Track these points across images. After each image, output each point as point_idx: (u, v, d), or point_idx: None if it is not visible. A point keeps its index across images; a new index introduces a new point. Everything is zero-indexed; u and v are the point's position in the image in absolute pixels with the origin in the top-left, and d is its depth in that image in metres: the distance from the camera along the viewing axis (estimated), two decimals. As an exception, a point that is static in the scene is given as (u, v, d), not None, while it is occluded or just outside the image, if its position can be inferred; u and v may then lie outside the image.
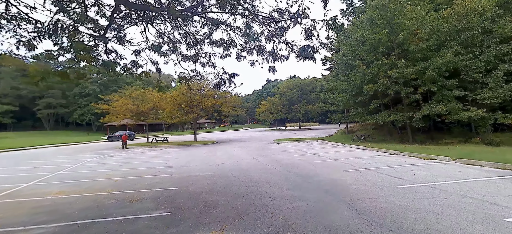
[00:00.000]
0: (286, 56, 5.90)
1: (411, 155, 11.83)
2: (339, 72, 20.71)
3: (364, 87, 17.02)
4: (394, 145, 15.73)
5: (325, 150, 16.06)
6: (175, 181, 8.64)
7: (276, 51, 5.97)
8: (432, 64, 15.06)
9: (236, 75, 6.83)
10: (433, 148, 13.80)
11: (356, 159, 11.73)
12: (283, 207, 5.54)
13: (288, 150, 16.66)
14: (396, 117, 16.25)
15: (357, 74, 17.76)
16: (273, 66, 6.91)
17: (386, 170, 8.96)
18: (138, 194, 6.97)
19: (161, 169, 11.26)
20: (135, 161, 14.43)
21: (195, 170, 10.57)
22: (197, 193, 6.91)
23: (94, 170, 11.68)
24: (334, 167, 10.14)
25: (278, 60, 6.11)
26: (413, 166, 9.55)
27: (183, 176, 9.49)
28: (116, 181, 9.01)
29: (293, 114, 57.02)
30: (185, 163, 12.74)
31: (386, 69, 16.21)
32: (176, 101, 23.73)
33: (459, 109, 14.74)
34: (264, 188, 7.16)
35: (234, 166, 11.31)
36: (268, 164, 11.38)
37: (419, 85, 15.77)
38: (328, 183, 7.49)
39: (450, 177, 7.56)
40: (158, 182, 8.49)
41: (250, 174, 9.33)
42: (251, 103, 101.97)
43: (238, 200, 6.14)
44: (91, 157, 17.38)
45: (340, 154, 13.73)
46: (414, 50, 15.91)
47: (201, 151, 18.24)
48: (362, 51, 17.83)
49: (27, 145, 31.05)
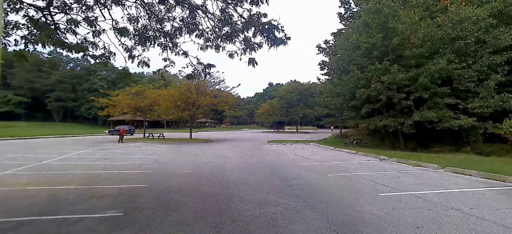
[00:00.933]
0: (259, 44, 5.17)
1: (400, 161, 11.01)
2: (334, 76, 19.92)
3: (357, 92, 16.22)
4: (385, 151, 14.90)
5: (315, 153, 15.27)
6: (150, 177, 7.93)
7: (249, 38, 5.22)
8: (425, 71, 14.24)
9: (212, 66, 6.09)
10: (424, 155, 12.95)
11: (344, 163, 10.94)
12: (249, 212, 4.79)
13: (278, 152, 15.89)
14: (387, 122, 15.41)
15: (351, 78, 16.97)
16: (252, 59, 6.16)
17: (371, 176, 8.17)
18: (102, 190, 6.26)
19: (143, 164, 10.56)
20: (123, 155, 13.75)
21: (176, 167, 9.86)
22: (165, 192, 6.19)
23: (78, 162, 11.02)
24: (319, 170, 9.37)
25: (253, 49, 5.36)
26: (400, 172, 8.74)
27: (161, 172, 8.78)
28: (91, 174, 8.32)
29: (291, 116, 56.17)
30: (170, 160, 12.04)
31: (379, 74, 15.40)
32: (173, 98, 23.07)
33: (450, 117, 13.90)
34: (238, 190, 6.42)
35: (218, 165, 10.58)
36: (253, 165, 10.64)
37: (411, 91, 14.94)
38: (307, 188, 6.72)
39: (437, 186, 6.76)
40: (132, 178, 7.78)
41: (231, 174, 8.59)
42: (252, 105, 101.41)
43: (205, 202, 5.41)
44: (84, 148, 16.75)
45: (329, 158, 12.94)
46: (408, 56, 15.10)
47: (191, 149, 17.53)
48: (356, 56, 17.05)
49: (31, 135, 30.71)
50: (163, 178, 7.77)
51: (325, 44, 32.77)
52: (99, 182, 7.22)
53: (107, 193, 5.98)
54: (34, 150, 15.68)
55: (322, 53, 33.52)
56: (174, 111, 23.71)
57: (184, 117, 25.55)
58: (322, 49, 33.40)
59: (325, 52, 33.16)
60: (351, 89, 17.49)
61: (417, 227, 4.07)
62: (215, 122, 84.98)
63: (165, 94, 23.61)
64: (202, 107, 26.09)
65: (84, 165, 10.27)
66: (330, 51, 31.52)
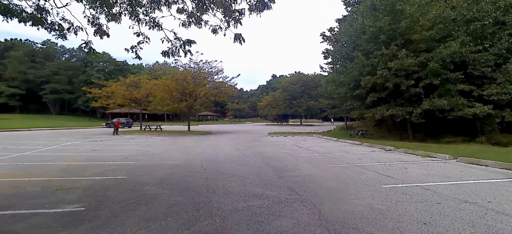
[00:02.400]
0: (240, 11, 4.60)
1: (408, 152, 10.42)
2: (338, 64, 19.18)
3: (362, 79, 15.51)
4: (391, 142, 14.31)
5: (317, 144, 14.73)
6: (132, 169, 7.50)
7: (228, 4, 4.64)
8: (436, 55, 13.48)
9: (192, 42, 5.55)
10: (434, 145, 12.32)
11: (346, 154, 10.39)
12: (231, 206, 4.32)
13: (278, 143, 15.39)
14: (394, 111, 14.74)
15: (355, 66, 16.25)
16: (238, 34, 5.62)
17: (375, 167, 7.62)
18: (74, 183, 5.84)
19: (131, 155, 10.15)
20: (113, 147, 13.38)
21: (165, 159, 9.43)
22: (143, 184, 5.74)
23: (62, 153, 10.66)
24: (318, 161, 8.85)
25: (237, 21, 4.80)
26: (407, 163, 8.17)
27: (147, 164, 8.35)
28: (70, 166, 7.92)
29: (294, 109, 55.40)
30: (162, 151, 11.63)
31: (386, 60, 14.68)
32: (168, 88, 22.58)
33: (463, 105, 13.20)
34: (224, 182, 5.94)
35: (211, 157, 10.13)
36: (249, 156, 10.16)
37: (421, 77, 14.20)
38: (302, 179, 6.22)
39: (449, 177, 6.20)
40: (113, 170, 7.35)
41: (222, 166, 8.12)
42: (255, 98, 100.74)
43: (183, 195, 4.95)
44: (74, 140, 16.45)
45: (331, 149, 12.40)
46: (417, 40, 14.30)
47: (187, 141, 17.12)
48: (362, 41, 16.28)
49: (24, 127, 30.72)
50: (147, 170, 7.33)
51: (330, 31, 31.81)
52: (75, 174, 6.81)
53: (78, 186, 5.56)
54: (20, 141, 15.43)
55: (326, 42, 32.59)
56: (170, 102, 23.26)
57: (181, 109, 25.10)
58: (326, 38, 32.46)
59: (329, 41, 32.25)
60: (355, 77, 16.78)
61: (425, 224, 3.54)
62: (218, 115, 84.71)
63: (161, 84, 23.13)
64: (200, 98, 25.59)
65: (67, 156, 9.90)
66: (335, 39, 30.61)
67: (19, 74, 55.05)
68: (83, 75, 61.48)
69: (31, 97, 59.13)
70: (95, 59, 65.01)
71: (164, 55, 5.61)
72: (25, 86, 56.45)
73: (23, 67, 55.78)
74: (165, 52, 5.60)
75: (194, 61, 23.93)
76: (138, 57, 5.96)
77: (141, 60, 6.06)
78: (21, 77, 55.45)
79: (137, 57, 5.95)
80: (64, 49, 65.07)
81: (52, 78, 57.50)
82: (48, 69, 57.49)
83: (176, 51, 5.61)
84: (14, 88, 54.14)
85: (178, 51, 5.63)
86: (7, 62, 54.64)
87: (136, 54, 5.92)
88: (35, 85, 58.20)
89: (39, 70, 57.51)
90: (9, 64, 54.68)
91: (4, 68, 55.04)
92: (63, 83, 58.83)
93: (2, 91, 53.18)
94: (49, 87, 57.13)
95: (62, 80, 58.64)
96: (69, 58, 67.04)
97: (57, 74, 58.11)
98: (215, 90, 26.55)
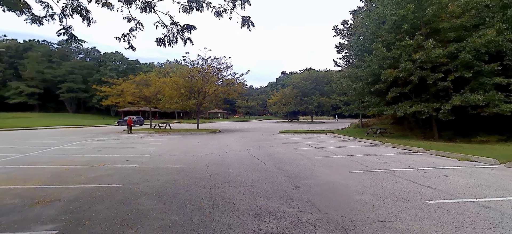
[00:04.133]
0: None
1: (440, 154, 9.12)
2: (355, 58, 17.80)
3: (383, 73, 14.15)
4: (416, 141, 12.95)
5: (332, 144, 13.57)
6: (131, 174, 6.69)
7: None
8: (468, 45, 11.97)
9: (192, 27, 4.62)
10: (466, 146, 10.91)
11: (369, 157, 9.22)
12: (237, 230, 3.36)
13: (290, 143, 14.34)
14: (419, 107, 13.31)
15: (375, 58, 14.87)
16: (247, 18, 4.65)
17: (407, 174, 6.47)
18: (60, 192, 5.06)
19: (134, 157, 9.42)
20: (119, 147, 12.77)
21: (168, 161, 8.61)
22: (137, 195, 4.88)
23: (64, 154, 10.08)
24: (338, 165, 7.76)
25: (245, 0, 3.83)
26: (445, 169, 6.95)
27: (147, 167, 7.54)
28: (66, 169, 7.22)
29: (305, 106, 53.87)
30: (167, 152, 10.86)
31: (409, 51, 13.26)
32: (177, 85, 21.88)
33: (499, 100, 11.66)
34: (231, 193, 5.00)
35: (217, 159, 9.23)
36: (259, 158, 9.19)
37: (450, 70, 12.72)
38: (323, 190, 5.19)
39: (509, 190, 4.99)
40: (110, 175, 6.57)
41: (229, 170, 7.20)
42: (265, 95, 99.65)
43: (180, 212, 4.03)
44: (83, 139, 16.07)
45: (349, 150, 11.24)
46: (446, 28, 12.81)
47: (194, 140, 16.35)
48: (382, 31, 14.89)
49: (40, 125, 31.13)
50: (146, 176, 6.50)
51: (343, 25, 30.17)
52: (67, 180, 6.06)
53: (63, 197, 4.77)
54: (30, 140, 15.16)
55: (339, 35, 30.97)
56: (178, 99, 22.58)
57: (190, 106, 24.41)
58: (339, 31, 30.80)
59: (342, 34, 30.64)
60: (374, 71, 15.40)
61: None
62: (228, 113, 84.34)
63: (169, 82, 22.47)
64: (209, 96, 24.81)
65: (68, 158, 9.28)
66: (349, 32, 29.01)
67: (37, 73, 56.42)
68: (97, 74, 62.35)
69: (49, 96, 60.58)
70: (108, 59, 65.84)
71: (159, 43, 4.70)
72: (43, 85, 57.83)
73: (41, 67, 57.12)
74: (160, 40, 4.70)
75: (202, 57, 23.16)
76: (132, 47, 5.08)
77: (135, 50, 5.18)
78: (39, 76, 56.81)
79: (130, 47, 5.07)
80: (78, 49, 66.20)
81: (67, 77, 58.66)
82: (64, 68, 58.64)
83: (173, 38, 4.68)
84: (32, 88, 55.58)
85: (175, 39, 4.70)
86: (26, 63, 56.13)
87: (129, 44, 5.03)
88: (52, 84, 59.51)
89: (55, 69, 58.74)
90: (28, 64, 56.16)
91: (23, 68, 56.57)
92: (78, 82, 59.87)
93: (22, 90, 54.68)
94: (65, 86, 58.27)
95: (77, 79, 59.69)
96: (84, 58, 68.22)
97: (73, 73, 59.21)
98: (224, 87, 25.71)
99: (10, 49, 58.50)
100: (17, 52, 58.62)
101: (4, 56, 54.79)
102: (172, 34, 4.65)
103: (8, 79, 56.36)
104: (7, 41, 61.98)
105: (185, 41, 4.78)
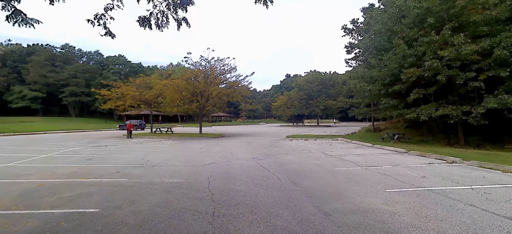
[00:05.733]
0: None
1: (485, 166, 7.69)
2: (370, 57, 16.43)
3: (404, 73, 12.77)
4: (442, 149, 11.50)
5: (349, 151, 12.17)
6: (117, 192, 5.43)
7: None
8: (503, 40, 10.57)
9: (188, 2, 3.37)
10: (505, 154, 9.46)
11: (398, 169, 7.84)
12: None
13: (300, 149, 13.00)
14: (447, 111, 11.86)
15: (393, 57, 13.50)
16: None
17: (464, 195, 5.08)
18: (14, 222, 3.80)
19: (126, 168, 8.18)
20: (114, 154, 11.56)
21: (164, 174, 7.34)
22: (114, 228, 3.60)
23: (50, 164, 8.88)
24: (368, 180, 6.40)
25: None
26: (508, 188, 5.54)
27: (139, 183, 6.28)
28: (40, 186, 5.99)
29: (311, 109, 52.45)
30: (164, 161, 9.61)
31: (435, 48, 11.89)
32: (178, 87, 20.69)
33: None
34: (240, 226, 3.69)
35: (222, 170, 7.94)
36: (269, 169, 7.88)
37: (482, 69, 11.31)
38: (366, 222, 3.85)
39: None
40: (89, 194, 5.33)
41: (236, 186, 5.90)
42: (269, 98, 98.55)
43: (169, 264, 2.74)
44: (78, 145, 14.97)
45: (370, 158, 9.84)
46: (477, 22, 11.42)
47: (197, 146, 15.08)
48: (401, 27, 13.53)
49: (40, 130, 30.22)
50: (133, 195, 5.23)
51: (352, 24, 28.89)
52: (33, 202, 4.82)
53: (18, 230, 3.51)
54: (22, 147, 14.06)
55: (348, 35, 29.70)
56: (180, 103, 21.40)
57: (192, 110, 23.21)
58: (349, 31, 29.52)
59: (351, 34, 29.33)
60: (393, 71, 14.02)
61: None
62: (231, 116, 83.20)
63: (170, 84, 21.31)
64: (212, 98, 23.59)
65: (51, 169, 8.07)
66: (360, 31, 27.68)
67: (40, 78, 56.06)
68: (100, 77, 61.83)
69: (52, 100, 60.15)
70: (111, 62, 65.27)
71: (142, 24, 3.46)
72: (46, 89, 57.41)
73: (44, 71, 56.78)
74: (144, 19, 3.45)
75: (205, 58, 22.00)
76: (110, 33, 3.84)
77: (114, 38, 3.93)
78: (42, 80, 56.43)
79: (107, 34, 3.82)
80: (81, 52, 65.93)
81: (70, 81, 58.20)
82: (66, 72, 58.21)
83: (163, 18, 3.43)
84: (35, 92, 55.17)
85: (166, 19, 3.45)
86: (29, 67, 55.76)
87: (106, 29, 3.79)
88: (55, 88, 59.12)
89: (58, 73, 58.33)
90: (31, 68, 55.82)
91: (27, 72, 56.23)
92: (81, 86, 59.37)
93: (25, 94, 54.24)
94: (68, 90, 57.79)
95: (80, 83, 59.21)
96: (87, 62, 67.84)
97: (75, 77, 58.76)
98: (228, 89, 24.48)
99: (14, 54, 58.37)
100: (21, 57, 58.39)
101: (5, 59, 54.53)
102: (161, 12, 3.40)
103: (11, 83, 55.99)
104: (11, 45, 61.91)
105: (179, 22, 3.52)
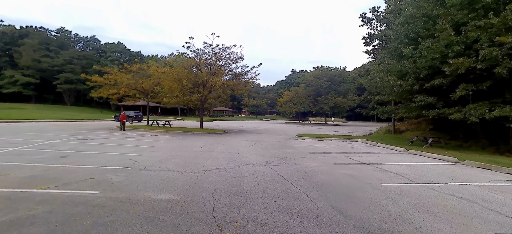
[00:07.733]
0: None
1: None
2: (400, 46, 14.42)
3: (449, 64, 10.80)
4: (499, 158, 9.60)
5: (382, 157, 10.28)
6: (74, 217, 3.63)
7: None
8: None
9: None
10: None
11: (473, 188, 5.95)
12: None
13: (319, 153, 11.16)
14: (506, 112, 9.90)
15: (434, 45, 11.52)
16: None
17: None
18: None
19: (106, 171, 6.40)
20: (96, 151, 9.79)
21: (153, 183, 5.54)
22: None
23: (12, 161, 7.11)
24: (448, 213, 4.54)
25: None
26: None
27: (115, 198, 4.47)
28: (-33, 200, 4.21)
29: (319, 106, 50.31)
30: (157, 162, 7.82)
31: (492, 34, 9.91)
32: (178, 76, 18.78)
33: None
34: None
35: (230, 179, 6.12)
36: (292, 182, 6.05)
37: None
38: None
39: None
40: (33, 220, 3.54)
41: (252, 213, 4.07)
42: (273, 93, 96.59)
43: None
44: (61, 137, 13.35)
45: (418, 170, 7.94)
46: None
47: (197, 143, 13.29)
48: (445, 11, 11.52)
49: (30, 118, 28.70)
50: (97, 225, 3.43)
51: (372, 12, 26.75)
52: None
53: None
54: None
55: (366, 25, 27.58)
56: (179, 93, 19.57)
57: (193, 102, 21.41)
58: (368, 20, 27.42)
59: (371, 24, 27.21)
60: (431, 63, 12.05)
61: None
62: (234, 111, 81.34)
63: (169, 72, 19.40)
64: (215, 90, 21.72)
65: (4, 170, 6.30)
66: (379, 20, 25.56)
67: (33, 62, 54.16)
68: (97, 65, 59.98)
69: (46, 87, 58.42)
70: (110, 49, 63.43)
71: None
72: (39, 75, 55.58)
73: (38, 56, 54.91)
74: None
75: (209, 44, 20.06)
76: None
77: None
78: (35, 65, 54.56)
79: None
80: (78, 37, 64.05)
81: (66, 67, 56.39)
82: (62, 58, 56.38)
83: None
84: (28, 77, 53.39)
85: None
86: (21, 50, 53.92)
87: None
88: (50, 74, 57.30)
89: (53, 59, 56.50)
90: (23, 52, 53.94)
91: (19, 56, 54.37)
92: (76, 73, 57.46)
93: (17, 80, 52.55)
94: (63, 77, 56.02)
95: (76, 69, 57.33)
96: (84, 47, 65.95)
97: (71, 63, 56.97)
98: (233, 81, 22.56)
99: (6, 35, 56.57)
100: (13, 39, 56.56)
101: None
102: None
103: (3, 67, 54.37)
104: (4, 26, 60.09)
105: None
